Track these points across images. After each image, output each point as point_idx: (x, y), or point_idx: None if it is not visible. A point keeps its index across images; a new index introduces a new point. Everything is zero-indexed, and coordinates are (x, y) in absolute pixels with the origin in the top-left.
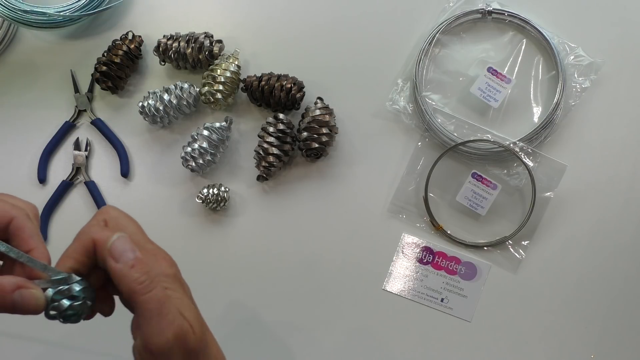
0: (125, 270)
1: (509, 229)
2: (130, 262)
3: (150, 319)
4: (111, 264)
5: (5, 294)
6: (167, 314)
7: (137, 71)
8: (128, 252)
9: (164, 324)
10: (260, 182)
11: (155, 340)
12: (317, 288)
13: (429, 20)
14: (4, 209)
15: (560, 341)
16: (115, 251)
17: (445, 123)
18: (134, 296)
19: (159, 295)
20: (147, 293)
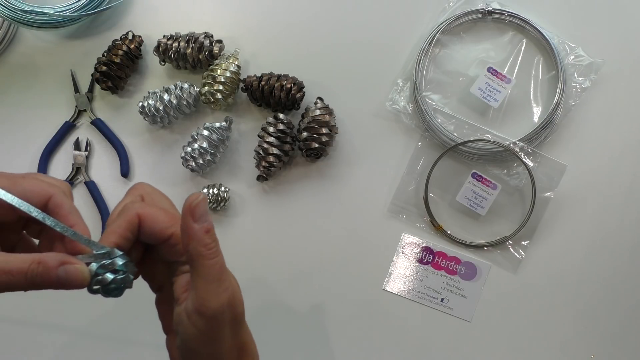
0: (201, 234)
1: (509, 229)
2: (206, 225)
3: (211, 282)
4: (189, 222)
5: (49, 270)
6: (225, 280)
7: (137, 71)
8: (206, 216)
9: (222, 289)
10: (260, 182)
11: (212, 304)
12: (317, 288)
13: (429, 20)
14: (41, 187)
15: (560, 341)
16: (197, 212)
17: (445, 123)
18: (199, 259)
19: (222, 262)
20: (213, 258)
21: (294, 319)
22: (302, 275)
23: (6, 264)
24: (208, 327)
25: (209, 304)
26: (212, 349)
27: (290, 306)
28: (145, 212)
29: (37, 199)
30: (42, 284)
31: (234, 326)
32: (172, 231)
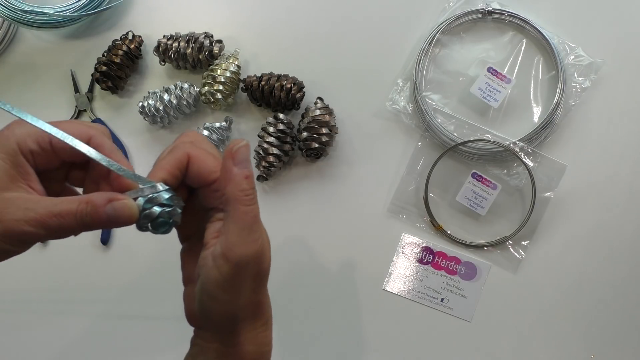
0: (239, 178)
1: (509, 229)
2: (246, 171)
3: (243, 229)
4: (229, 165)
5: (98, 208)
6: (257, 231)
7: (137, 71)
8: (247, 162)
9: (252, 238)
10: (260, 182)
11: (239, 250)
12: (317, 288)
13: (429, 20)
14: (81, 129)
15: (560, 341)
16: (239, 156)
17: (445, 123)
18: (235, 204)
19: (256, 212)
20: (249, 205)
21: (294, 319)
22: (301, 275)
23: (54, 206)
24: (231, 274)
25: (236, 249)
26: (230, 297)
27: (290, 306)
28: (195, 153)
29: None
30: (93, 223)
31: (256, 281)
32: (217, 176)
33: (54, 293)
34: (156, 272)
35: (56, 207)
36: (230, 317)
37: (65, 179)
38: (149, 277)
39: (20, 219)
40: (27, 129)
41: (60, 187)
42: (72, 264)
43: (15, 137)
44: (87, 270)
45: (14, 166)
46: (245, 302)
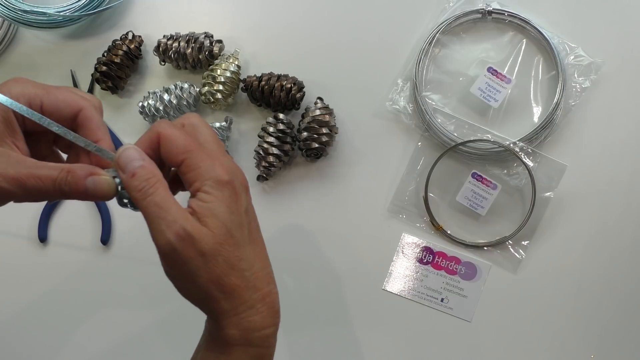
0: (128, 181)
1: (509, 229)
2: (132, 171)
3: (151, 222)
4: (120, 174)
5: (78, 179)
6: (166, 217)
7: (137, 71)
8: (133, 162)
9: (163, 226)
10: (260, 182)
11: (157, 242)
12: (317, 288)
13: (429, 20)
14: (73, 99)
15: (560, 341)
16: (121, 162)
17: (445, 123)
18: (136, 202)
19: (156, 199)
20: (145, 199)
21: (293, 319)
22: (301, 275)
23: (36, 169)
24: (164, 260)
25: (155, 242)
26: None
27: (290, 306)
28: (165, 133)
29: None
30: (70, 192)
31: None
32: (184, 158)
33: (54, 293)
34: (156, 272)
35: (37, 170)
36: (194, 297)
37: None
38: (149, 277)
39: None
40: (22, 89)
41: (47, 150)
42: (72, 264)
43: (10, 94)
44: (87, 270)
45: (3, 122)
46: (200, 284)
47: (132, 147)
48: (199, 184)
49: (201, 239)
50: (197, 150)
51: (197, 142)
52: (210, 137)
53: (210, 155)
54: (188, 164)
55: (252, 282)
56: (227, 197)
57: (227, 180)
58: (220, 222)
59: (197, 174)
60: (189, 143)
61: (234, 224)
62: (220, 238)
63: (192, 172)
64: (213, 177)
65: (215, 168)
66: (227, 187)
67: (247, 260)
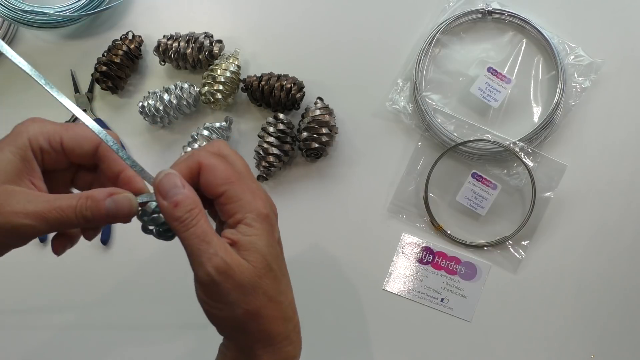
0: (170, 209)
1: (509, 229)
2: (174, 199)
3: (192, 254)
4: (159, 200)
5: (98, 202)
6: (208, 249)
7: (137, 71)
8: (175, 189)
9: (204, 258)
10: (260, 182)
11: (198, 273)
12: (317, 288)
13: (429, 20)
14: (92, 134)
15: (560, 341)
16: (162, 188)
17: (445, 123)
18: (177, 233)
19: (198, 232)
20: (188, 230)
21: None
22: (301, 275)
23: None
24: (203, 291)
25: (196, 273)
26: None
27: None
28: (207, 162)
29: (88, 144)
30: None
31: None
32: (225, 189)
33: (54, 293)
34: (156, 273)
35: (57, 201)
36: (229, 326)
37: (70, 182)
38: (149, 277)
39: (19, 212)
40: (41, 127)
41: (64, 189)
42: (72, 264)
43: (28, 134)
44: (87, 270)
45: (22, 160)
46: (239, 315)
47: (173, 172)
48: (240, 216)
49: (242, 272)
50: (238, 182)
51: (237, 173)
52: (244, 167)
53: (249, 187)
54: (229, 195)
55: (288, 313)
56: (266, 230)
57: (267, 213)
58: (261, 256)
59: (238, 205)
60: (230, 174)
61: (272, 257)
62: (260, 272)
63: (234, 203)
64: (254, 209)
65: (256, 200)
66: (266, 220)
67: (284, 292)
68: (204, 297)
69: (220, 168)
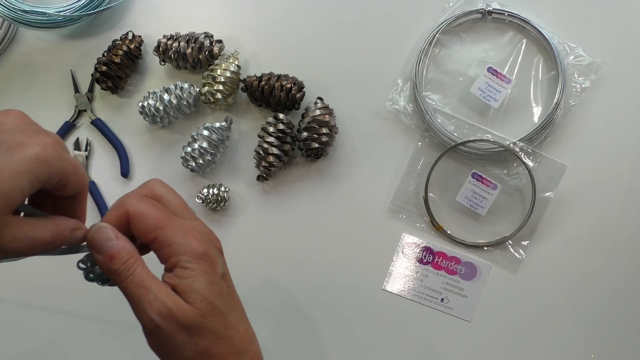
0: (106, 263)
1: (509, 229)
2: (109, 253)
3: (133, 302)
4: (95, 255)
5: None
6: (147, 295)
7: (137, 71)
8: (108, 243)
9: (146, 305)
10: (260, 182)
11: (142, 320)
12: (317, 288)
13: (429, 20)
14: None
15: (560, 341)
16: (95, 243)
17: (445, 123)
18: (116, 283)
19: (136, 280)
20: (125, 280)
21: (294, 319)
22: (301, 275)
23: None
24: (151, 339)
25: (140, 321)
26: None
27: (290, 306)
28: (133, 210)
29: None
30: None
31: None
32: (155, 235)
33: (53, 293)
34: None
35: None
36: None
37: None
38: None
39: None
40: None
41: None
42: (72, 264)
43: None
44: None
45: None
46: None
47: (104, 225)
48: (174, 260)
49: (184, 314)
50: (168, 224)
51: (167, 215)
52: (177, 203)
53: (182, 227)
54: (161, 240)
55: (241, 346)
56: (204, 270)
57: (202, 252)
58: (201, 296)
59: (171, 250)
60: (159, 219)
61: (215, 294)
62: (203, 311)
63: (166, 248)
64: (188, 251)
65: (189, 241)
66: (203, 259)
67: (233, 326)
68: (152, 344)
69: (148, 214)
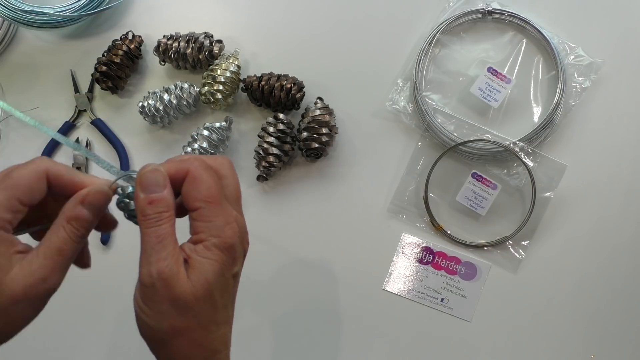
0: (143, 205)
1: (509, 229)
2: (151, 197)
3: (144, 251)
4: (137, 190)
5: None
6: (160, 252)
7: (137, 71)
8: (155, 188)
9: (153, 259)
10: (260, 182)
11: (142, 271)
12: (317, 288)
13: (429, 20)
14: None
15: (560, 341)
16: (144, 182)
17: (445, 123)
18: (140, 227)
19: (159, 232)
20: (149, 227)
21: (294, 319)
22: (301, 275)
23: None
24: (142, 291)
25: (140, 269)
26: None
27: (290, 306)
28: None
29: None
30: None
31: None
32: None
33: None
34: None
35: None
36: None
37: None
38: None
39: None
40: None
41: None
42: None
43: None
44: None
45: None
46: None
47: (159, 170)
48: (203, 236)
49: (181, 286)
50: (217, 203)
51: (220, 194)
52: (234, 191)
53: (226, 213)
54: (202, 213)
55: (215, 345)
56: (222, 260)
57: (231, 244)
58: (205, 280)
59: (205, 226)
60: (212, 193)
61: (218, 286)
62: (198, 293)
63: (203, 223)
64: (220, 235)
65: (225, 229)
66: (228, 250)
67: (219, 324)
68: (139, 299)
69: (204, 184)
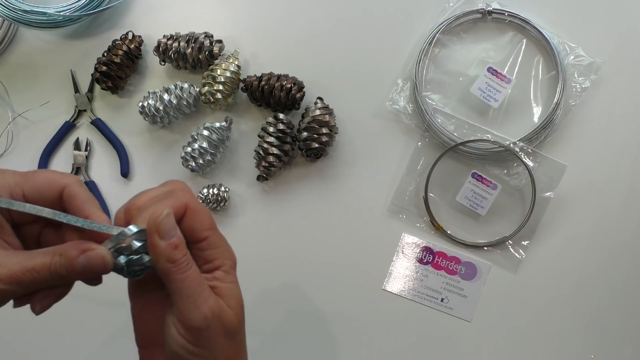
0: (167, 251)
1: (509, 229)
2: (174, 241)
3: (187, 297)
4: (155, 240)
5: (72, 260)
6: (203, 292)
7: (137, 71)
8: (173, 230)
9: (200, 301)
10: (260, 182)
11: (193, 316)
12: (317, 288)
13: (429, 20)
14: (53, 177)
15: (560, 341)
16: (163, 227)
17: (445, 123)
18: (170, 275)
19: (194, 275)
20: (184, 272)
21: (294, 319)
22: (302, 275)
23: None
24: (195, 338)
25: (189, 316)
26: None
27: (290, 306)
28: (194, 206)
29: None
30: (68, 275)
31: (228, 335)
32: (208, 235)
33: None
34: None
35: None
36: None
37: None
38: None
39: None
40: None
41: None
42: None
43: None
44: None
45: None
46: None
47: (171, 212)
48: (219, 262)
49: (228, 317)
50: (216, 229)
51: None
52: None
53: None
54: (211, 241)
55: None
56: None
57: (235, 261)
58: (239, 303)
59: (218, 252)
60: (212, 221)
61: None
62: (240, 317)
63: (214, 249)
64: (231, 257)
65: (230, 249)
66: (235, 268)
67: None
68: (188, 346)
69: (204, 213)
